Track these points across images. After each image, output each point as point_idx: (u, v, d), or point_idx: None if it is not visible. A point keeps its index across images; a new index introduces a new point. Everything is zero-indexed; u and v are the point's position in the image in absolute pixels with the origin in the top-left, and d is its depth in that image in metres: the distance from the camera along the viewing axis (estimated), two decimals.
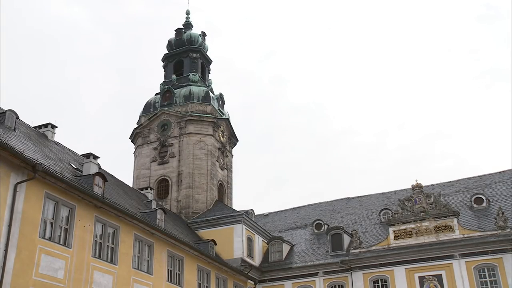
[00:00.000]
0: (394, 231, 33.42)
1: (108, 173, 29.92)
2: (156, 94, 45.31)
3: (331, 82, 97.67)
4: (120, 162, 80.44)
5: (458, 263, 30.77)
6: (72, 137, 65.59)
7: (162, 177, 40.63)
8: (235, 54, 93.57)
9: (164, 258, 26.67)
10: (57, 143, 27.82)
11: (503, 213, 30.84)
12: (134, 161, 43.03)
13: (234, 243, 35.61)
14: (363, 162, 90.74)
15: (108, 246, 22.85)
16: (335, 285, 34.17)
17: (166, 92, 44.22)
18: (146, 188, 36.70)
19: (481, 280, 29.89)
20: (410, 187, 34.78)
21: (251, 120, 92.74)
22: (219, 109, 44.23)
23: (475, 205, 34.28)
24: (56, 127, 28.28)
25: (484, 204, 34.04)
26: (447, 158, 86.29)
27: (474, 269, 30.23)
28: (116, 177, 32.20)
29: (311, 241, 38.60)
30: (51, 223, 19.98)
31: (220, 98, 45.46)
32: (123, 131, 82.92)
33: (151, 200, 32.70)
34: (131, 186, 36.92)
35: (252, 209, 40.40)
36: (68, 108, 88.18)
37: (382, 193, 41.26)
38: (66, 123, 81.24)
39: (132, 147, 44.28)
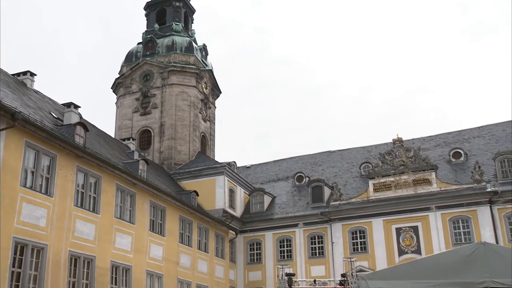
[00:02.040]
0: (373, 184, 34.07)
1: (90, 123, 29.70)
2: (138, 43, 44.49)
3: (316, 35, 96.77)
4: (102, 113, 79.79)
5: (434, 215, 31.66)
6: (52, 86, 64.51)
7: (145, 128, 40.48)
8: (219, 3, 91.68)
9: (146, 208, 26.95)
10: (36, 92, 27.38)
11: (479, 167, 31.57)
12: (116, 112, 42.70)
13: (216, 194, 36.06)
14: (345, 116, 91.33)
15: (90, 195, 22.96)
16: (315, 236, 35.01)
17: (148, 41, 43.44)
18: (128, 139, 36.60)
19: (455, 231, 30.89)
20: (391, 141, 35.25)
21: (234, 72, 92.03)
22: (202, 60, 43.72)
23: (453, 159, 34.99)
24: (36, 75, 27.77)
25: (462, 158, 34.75)
26: (430, 112, 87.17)
27: (449, 221, 31.17)
28: (98, 127, 32.00)
29: (292, 193, 39.24)
30: (32, 172, 19.93)
31: (204, 49, 44.85)
32: (105, 81, 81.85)
33: (133, 151, 32.68)
34: (113, 136, 36.78)
35: (234, 161, 40.75)
36: (48, 57, 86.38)
37: (363, 147, 41.79)
38: (46, 72, 79.75)
39: (114, 97, 43.86)
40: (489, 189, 30.57)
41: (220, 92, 45.85)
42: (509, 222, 29.96)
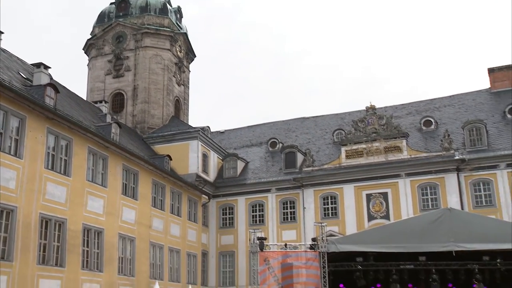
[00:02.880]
0: (346, 151, 34.49)
1: (60, 84, 29.07)
2: (111, 3, 43.29)
3: (290, 1, 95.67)
4: (73, 74, 78.06)
5: (403, 182, 32.35)
6: (21, 46, 62.51)
7: (117, 91, 39.85)
8: None
9: (119, 172, 26.79)
10: (4, 50, 26.56)
11: (449, 135, 32.22)
12: (88, 74, 41.83)
13: (190, 158, 36.04)
14: (320, 83, 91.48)
15: (61, 158, 22.67)
16: (287, 201, 35.48)
17: (121, 2, 42.29)
18: (101, 102, 36.00)
19: (423, 197, 31.71)
20: (364, 108, 35.57)
21: (209, 36, 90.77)
22: (176, 23, 42.91)
23: (424, 128, 35.58)
24: (3, 33, 26.81)
25: (433, 126, 35.37)
26: (403, 81, 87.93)
27: (418, 187, 31.93)
28: (69, 89, 31.36)
29: (266, 159, 39.48)
30: (1, 133, 19.51)
31: (178, 11, 43.96)
32: (76, 42, 79.69)
33: (105, 114, 32.22)
34: (84, 99, 36.13)
35: (208, 126, 40.65)
36: (16, 15, 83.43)
37: (337, 114, 42.08)
38: (14, 31, 77.20)
39: (85, 59, 42.86)
40: (457, 157, 31.32)
41: (195, 56, 45.29)
42: (475, 189, 30.88)
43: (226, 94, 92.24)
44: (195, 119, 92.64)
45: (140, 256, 27.64)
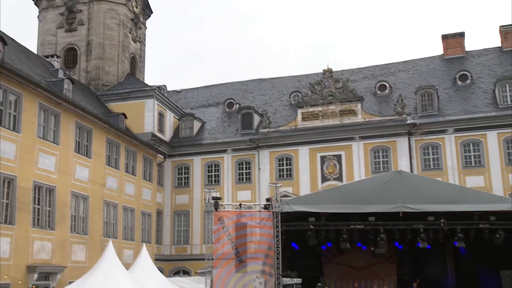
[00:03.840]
0: (302, 113, 34.79)
1: (8, 36, 27.78)
2: None
3: None
4: (23, 27, 74.61)
5: (357, 145, 33.08)
6: None
7: (70, 46, 38.43)
8: None
9: (72, 129, 26.19)
10: None
11: (402, 100, 32.97)
12: (38, 26, 40.07)
13: (145, 117, 35.56)
14: (278, 44, 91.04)
15: (10, 113, 21.93)
16: (243, 162, 35.72)
17: None
18: (52, 56, 34.70)
19: (375, 160, 32.59)
20: (322, 71, 35.79)
21: None
22: None
23: (378, 92, 36.24)
24: None
25: (387, 91, 36.07)
26: (361, 45, 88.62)
27: (371, 150, 32.76)
28: (18, 42, 30.02)
29: (222, 119, 39.39)
30: None
31: None
32: None
33: (57, 69, 31.17)
34: (35, 53, 34.73)
35: (164, 85, 40.00)
36: None
37: (294, 76, 42.18)
38: None
39: (36, 10, 40.91)
40: (408, 121, 32.19)
41: (152, 12, 44.01)
42: (424, 153, 31.96)
43: (183, 53, 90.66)
44: (151, 78, 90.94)
45: (94, 215, 27.44)
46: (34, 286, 21.93)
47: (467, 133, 31.41)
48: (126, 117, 33.14)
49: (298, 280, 21.10)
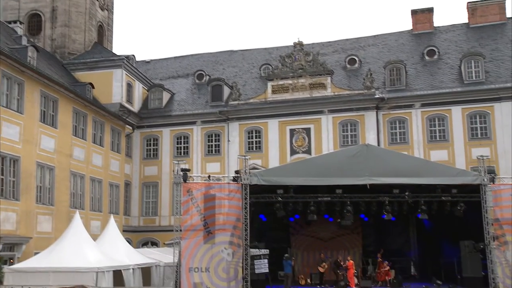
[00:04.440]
0: (272, 85, 34.76)
1: None
2: None
3: None
4: None
5: (326, 118, 33.35)
6: None
7: (34, 12, 37.15)
8: None
9: (37, 98, 25.55)
10: None
11: (371, 74, 33.26)
12: None
13: (113, 88, 34.96)
14: (247, 15, 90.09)
15: None
16: (212, 134, 35.63)
17: None
18: (15, 22, 33.51)
19: (343, 134, 32.96)
20: (292, 44, 35.68)
21: None
22: None
23: (348, 66, 36.43)
24: None
25: (357, 65, 36.29)
26: (332, 18, 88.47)
27: (339, 124, 33.08)
28: None
29: (192, 91, 39.05)
30: None
31: None
32: None
33: (21, 36, 30.19)
34: None
35: (133, 55, 39.31)
36: None
37: (265, 48, 41.96)
38: None
39: None
40: (377, 96, 32.56)
41: None
42: (391, 127, 32.49)
43: (152, 23, 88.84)
44: (119, 47, 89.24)
45: (60, 185, 27.07)
46: None
47: (433, 108, 32.02)
48: (93, 87, 32.51)
49: (265, 251, 21.40)
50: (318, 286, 22.35)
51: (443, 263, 23.92)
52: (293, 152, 33.57)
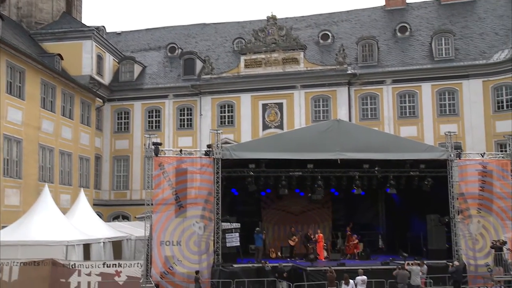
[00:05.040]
0: (245, 60, 34.54)
1: None
2: None
3: None
4: None
5: (298, 93, 33.42)
6: None
7: None
8: None
9: (2, 69, 24.82)
10: None
11: (343, 50, 33.34)
12: None
13: (83, 59, 34.19)
14: None
15: None
16: (184, 108, 35.35)
17: None
18: None
19: (315, 109, 33.12)
20: (265, 18, 35.40)
21: None
22: None
23: (321, 41, 36.42)
24: None
25: (329, 40, 36.30)
26: None
27: (311, 99, 33.21)
28: None
29: (164, 64, 38.54)
30: None
31: None
32: None
33: None
34: None
35: (103, 26, 38.50)
36: None
37: (238, 22, 41.54)
38: None
39: None
40: (349, 71, 32.74)
41: None
42: (362, 103, 32.78)
43: None
44: (88, 18, 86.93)
45: (28, 158, 26.59)
46: None
47: (403, 84, 32.40)
48: (62, 58, 31.74)
49: (237, 225, 21.62)
50: (288, 259, 22.72)
51: (410, 236, 24.60)
52: (265, 127, 33.64)
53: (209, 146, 21.91)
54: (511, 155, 22.21)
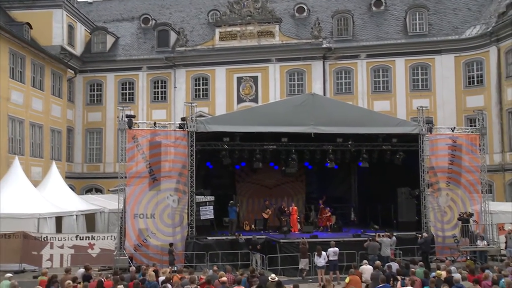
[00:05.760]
0: (220, 32, 34.16)
1: None
2: None
3: None
4: None
5: (273, 67, 33.32)
6: None
7: None
8: None
9: None
10: None
11: (319, 23, 33.23)
12: None
13: (53, 29, 33.34)
14: None
15: None
16: (158, 80, 34.95)
17: None
18: None
19: (290, 83, 33.13)
20: None
21: None
22: None
23: (297, 14, 36.20)
24: None
25: (305, 13, 36.10)
26: None
27: (286, 73, 33.17)
28: None
29: (137, 35, 37.87)
30: None
31: None
32: None
33: None
34: None
35: None
36: None
37: None
38: None
39: None
40: (324, 45, 32.72)
41: None
42: (337, 77, 32.91)
43: None
44: None
45: None
46: None
47: (378, 59, 32.58)
48: (31, 28, 30.83)
49: (211, 198, 21.71)
50: (262, 232, 22.98)
51: (381, 209, 25.09)
52: (240, 100, 33.54)
53: (183, 119, 21.79)
54: (480, 129, 22.70)
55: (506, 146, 29.11)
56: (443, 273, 13.40)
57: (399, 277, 13.17)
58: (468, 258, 19.12)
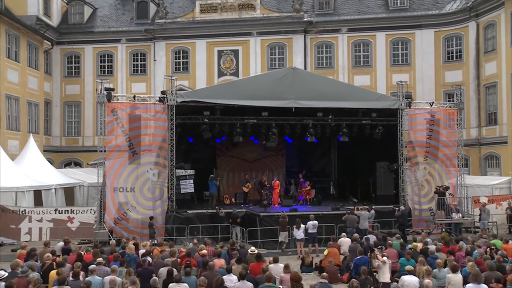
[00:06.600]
0: (200, 4, 33.68)
1: None
2: None
3: None
4: None
5: (254, 40, 33.07)
6: None
7: None
8: None
9: None
10: None
11: None
12: None
13: None
14: None
15: None
16: (138, 53, 34.45)
17: None
18: None
19: (271, 57, 32.97)
20: None
21: None
22: None
23: None
24: None
25: None
26: None
27: (267, 46, 32.97)
28: None
29: (116, 7, 37.11)
30: None
31: None
32: None
33: None
34: None
35: None
36: None
37: None
38: None
39: None
40: (305, 19, 32.52)
41: None
42: (318, 51, 32.83)
43: None
44: None
45: None
46: None
47: (359, 33, 32.54)
48: None
49: (191, 172, 21.70)
50: (242, 205, 23.14)
51: (360, 183, 25.41)
52: (220, 74, 33.31)
53: (163, 92, 21.59)
54: (458, 104, 22.99)
55: (482, 121, 29.58)
56: (419, 245, 13.72)
57: (375, 249, 13.43)
58: (443, 230, 19.55)
